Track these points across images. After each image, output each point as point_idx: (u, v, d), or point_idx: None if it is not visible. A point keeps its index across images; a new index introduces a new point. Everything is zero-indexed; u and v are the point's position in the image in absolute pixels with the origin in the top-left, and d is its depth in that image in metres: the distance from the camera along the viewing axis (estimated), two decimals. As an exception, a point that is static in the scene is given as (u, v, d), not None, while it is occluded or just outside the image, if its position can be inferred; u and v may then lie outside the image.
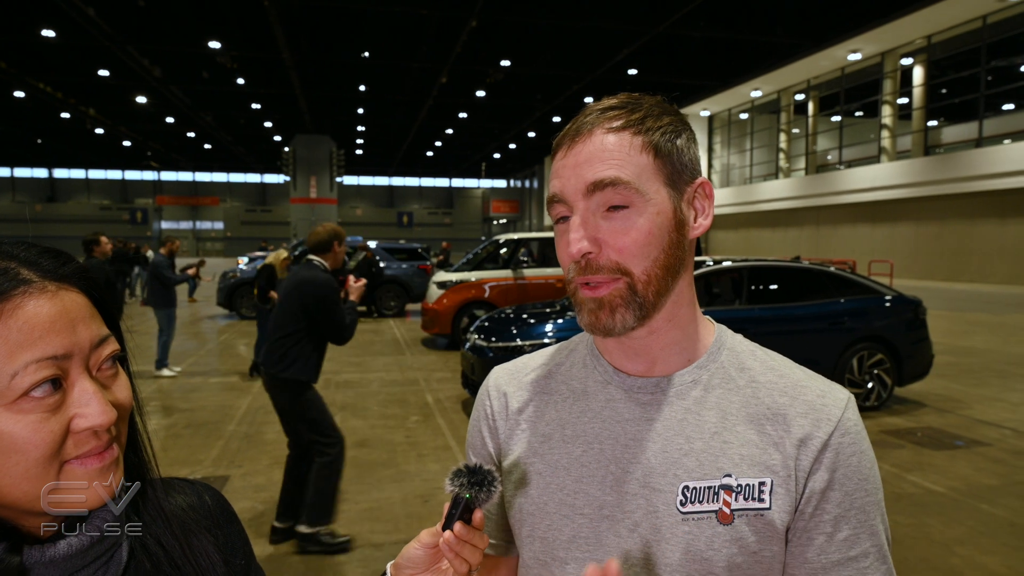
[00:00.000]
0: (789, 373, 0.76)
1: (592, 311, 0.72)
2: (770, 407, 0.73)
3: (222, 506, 0.71)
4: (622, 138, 0.70)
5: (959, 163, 21.34)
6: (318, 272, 3.49)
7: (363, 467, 4.82)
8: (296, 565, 3.38)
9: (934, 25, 20.96)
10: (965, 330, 11.64)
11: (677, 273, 0.73)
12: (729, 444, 0.71)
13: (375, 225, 61.16)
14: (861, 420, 0.73)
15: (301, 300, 3.44)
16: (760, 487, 0.69)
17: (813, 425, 0.70)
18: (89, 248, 6.33)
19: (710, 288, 6.67)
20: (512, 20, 18.37)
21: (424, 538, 0.68)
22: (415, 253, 14.95)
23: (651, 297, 0.71)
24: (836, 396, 0.73)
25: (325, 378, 7.87)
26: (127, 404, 0.58)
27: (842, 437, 0.70)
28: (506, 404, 0.85)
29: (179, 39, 20.01)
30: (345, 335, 3.53)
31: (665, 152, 0.72)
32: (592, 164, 0.70)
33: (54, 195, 57.93)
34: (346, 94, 26.99)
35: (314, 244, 3.59)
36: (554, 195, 0.73)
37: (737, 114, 32.34)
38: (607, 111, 0.73)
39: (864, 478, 0.70)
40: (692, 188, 0.75)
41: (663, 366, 0.77)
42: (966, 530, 3.77)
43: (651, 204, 0.70)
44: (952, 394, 7.05)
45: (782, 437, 0.71)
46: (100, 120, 32.30)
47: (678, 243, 0.73)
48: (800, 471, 0.69)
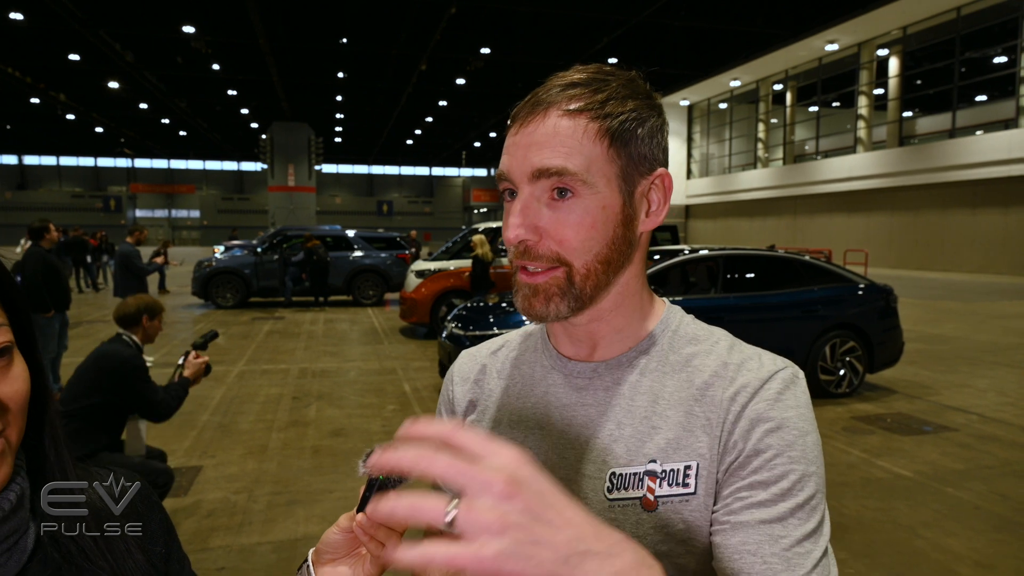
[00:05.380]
0: (726, 352, 0.72)
1: (526, 296, 0.70)
2: (699, 388, 0.70)
3: (143, 496, 0.69)
4: (577, 123, 0.67)
5: (933, 154, 21.66)
6: (125, 348, 3.24)
7: (339, 456, 4.80)
8: (266, 555, 3.37)
9: (909, 16, 21.19)
10: (936, 318, 11.86)
11: (620, 268, 0.71)
12: (657, 429, 0.69)
13: (355, 214, 60.73)
14: (796, 389, 0.68)
15: (97, 378, 3.13)
16: (686, 471, 0.67)
17: (732, 399, 0.67)
18: (35, 236, 6.15)
19: (686, 277, 6.71)
20: (492, 6, 18.26)
21: (342, 522, 0.66)
22: (394, 242, 14.88)
23: (588, 290, 0.69)
24: (764, 366, 0.69)
25: (301, 367, 7.82)
26: (17, 398, 0.55)
27: (759, 403, 0.66)
28: (466, 391, 0.85)
29: (152, 23, 19.61)
30: (159, 411, 3.26)
31: (621, 141, 0.68)
32: (541, 149, 0.66)
33: (24, 182, 56.67)
34: (324, 81, 26.67)
35: (120, 318, 3.36)
36: (501, 172, 0.71)
37: (716, 104, 32.49)
38: (569, 88, 0.69)
39: (788, 444, 0.64)
40: (648, 180, 0.71)
41: (604, 351, 0.75)
42: (932, 513, 3.85)
43: (598, 196, 0.67)
44: (922, 381, 7.19)
45: (708, 418, 0.68)
46: (71, 106, 31.60)
47: (623, 238, 0.70)
48: (720, 447, 0.67)
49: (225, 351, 8.87)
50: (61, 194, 56.07)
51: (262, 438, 5.20)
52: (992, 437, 5.25)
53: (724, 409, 0.68)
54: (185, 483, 4.27)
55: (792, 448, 0.64)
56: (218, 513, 3.83)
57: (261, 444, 5.05)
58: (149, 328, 3.43)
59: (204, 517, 3.78)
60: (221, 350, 8.96)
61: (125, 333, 3.36)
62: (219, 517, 3.78)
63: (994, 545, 3.46)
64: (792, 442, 0.65)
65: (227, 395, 6.52)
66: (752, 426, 0.66)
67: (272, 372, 7.59)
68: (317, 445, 5.04)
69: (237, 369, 7.72)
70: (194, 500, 4.01)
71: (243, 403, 6.21)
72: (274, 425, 5.54)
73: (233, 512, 3.84)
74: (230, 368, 7.75)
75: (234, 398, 6.39)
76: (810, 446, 0.65)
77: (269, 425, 5.53)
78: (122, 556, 0.61)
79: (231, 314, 12.80)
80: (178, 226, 59.89)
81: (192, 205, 60.15)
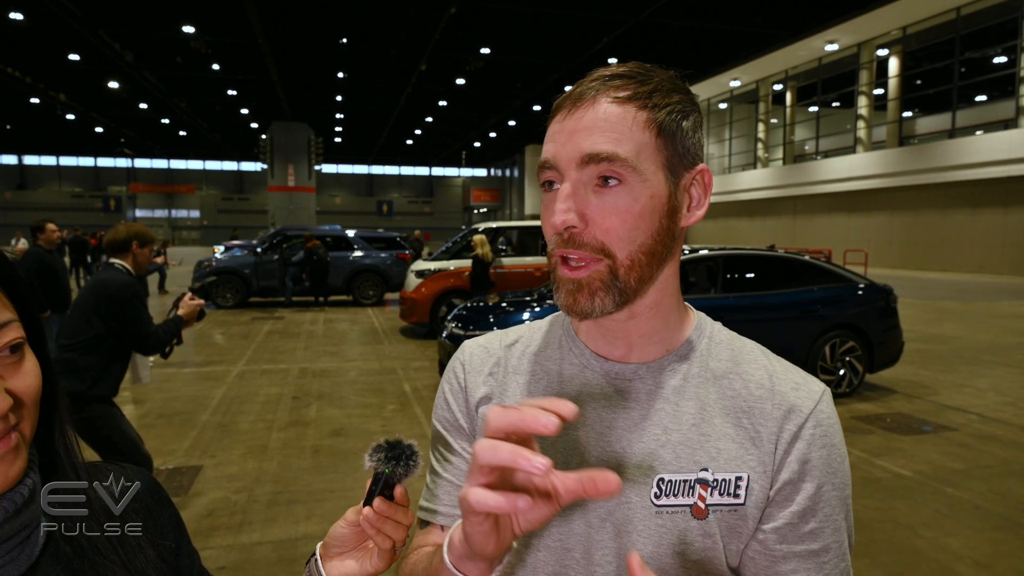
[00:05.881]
0: (767, 364, 0.74)
1: (571, 292, 0.68)
2: (747, 399, 0.71)
3: (152, 490, 0.70)
4: (626, 111, 0.66)
5: (932, 154, 21.67)
6: (119, 274, 3.19)
7: (339, 456, 4.80)
8: (267, 554, 3.37)
9: (909, 16, 21.20)
10: (935, 318, 11.86)
11: (663, 261, 0.70)
12: (707, 437, 0.69)
13: (355, 214, 60.73)
14: (836, 413, 0.72)
15: (96, 304, 3.09)
16: (736, 482, 0.68)
17: (785, 418, 0.69)
18: (34, 234, 6.20)
19: (686, 276, 6.72)
20: (492, 6, 18.27)
21: (349, 516, 0.67)
22: (393, 242, 14.88)
23: (632, 283, 0.68)
24: (811, 388, 0.71)
25: (301, 367, 7.83)
26: (29, 393, 0.56)
27: (814, 429, 0.68)
28: (480, 382, 0.81)
29: (152, 23, 19.61)
30: (149, 342, 3.18)
31: (669, 132, 0.68)
32: (591, 134, 0.66)
33: (24, 182, 56.65)
34: (324, 81, 26.68)
35: (110, 244, 3.27)
36: (546, 160, 0.69)
37: (716, 104, 32.51)
38: (614, 78, 0.68)
39: (833, 472, 0.68)
40: (691, 174, 0.71)
41: (641, 353, 0.74)
42: (931, 513, 3.85)
43: (646, 185, 0.66)
44: (921, 380, 7.19)
45: (758, 431, 0.69)
46: (71, 106, 31.60)
47: (668, 230, 0.69)
48: (774, 464, 0.68)
49: (225, 351, 8.88)
50: (61, 194, 56.04)
51: (262, 438, 5.20)
52: (991, 437, 5.25)
53: (778, 426, 0.69)
54: (185, 483, 4.27)
55: (836, 475, 0.69)
56: (218, 512, 3.83)
57: (261, 444, 5.05)
58: (139, 256, 3.32)
59: (204, 516, 3.78)
60: (221, 350, 8.96)
61: (118, 261, 3.27)
62: (219, 516, 3.78)
63: (993, 544, 3.47)
64: (836, 469, 0.69)
65: (227, 395, 6.52)
66: (808, 449, 0.68)
67: (272, 372, 7.60)
68: (317, 445, 5.04)
69: (237, 369, 7.72)
70: (194, 499, 4.01)
71: (243, 403, 6.21)
72: (274, 425, 5.54)
73: (233, 511, 3.85)
74: (230, 368, 7.76)
75: (234, 398, 6.39)
76: (848, 471, 0.71)
77: (269, 425, 5.54)
78: (133, 550, 0.62)
79: (231, 314, 12.80)
80: (178, 226, 59.87)
81: (192, 205, 60.14)
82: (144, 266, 3.38)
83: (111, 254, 3.28)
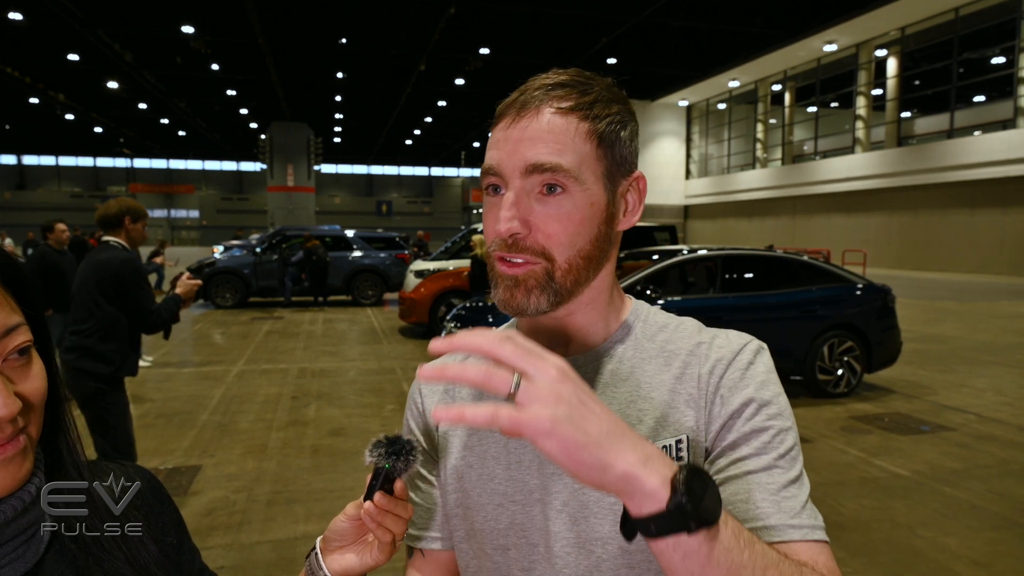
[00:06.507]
0: (698, 333, 0.77)
1: (508, 288, 0.71)
2: (679, 367, 0.74)
3: (154, 488, 0.71)
4: (569, 122, 0.69)
5: (931, 154, 21.70)
6: (117, 252, 3.15)
7: (338, 455, 4.80)
8: (266, 554, 3.37)
9: (908, 17, 21.23)
10: (934, 318, 11.87)
11: (599, 265, 0.73)
12: (644, 412, 0.72)
13: (354, 214, 60.71)
14: (762, 360, 0.73)
15: (99, 284, 3.07)
16: (677, 445, 0.70)
17: (711, 372, 0.72)
18: (44, 234, 6.22)
19: (685, 277, 6.73)
20: (491, 6, 18.28)
21: (349, 510, 0.69)
22: (393, 242, 14.89)
23: (568, 285, 0.71)
24: (735, 341, 0.74)
25: (300, 367, 7.83)
26: (37, 395, 0.57)
27: (736, 372, 0.71)
28: (435, 400, 0.84)
29: (151, 23, 19.62)
30: (150, 320, 3.15)
31: (608, 143, 0.70)
32: (535, 144, 0.68)
33: (23, 182, 56.62)
34: (324, 81, 26.69)
35: (102, 219, 3.23)
36: (490, 167, 0.71)
37: (715, 104, 32.52)
38: (557, 88, 0.71)
39: (764, 403, 0.69)
40: (627, 182, 0.74)
41: (578, 346, 0.77)
42: (929, 512, 3.86)
43: (587, 194, 0.69)
44: (920, 380, 7.20)
45: (691, 393, 0.72)
46: (70, 106, 31.59)
47: (605, 235, 0.72)
48: (707, 417, 0.70)
49: (224, 351, 8.88)
50: (60, 194, 56.01)
51: (261, 437, 5.20)
52: (990, 437, 5.26)
53: (704, 383, 0.72)
54: (184, 482, 4.27)
55: (768, 406, 0.69)
56: (218, 512, 3.84)
57: (260, 443, 5.05)
58: (132, 231, 3.28)
59: (204, 516, 3.78)
60: (220, 350, 8.97)
61: (112, 239, 3.23)
62: (219, 516, 3.78)
63: (991, 544, 3.47)
64: (768, 400, 0.69)
65: (226, 395, 6.52)
66: (731, 392, 0.70)
67: (271, 372, 7.60)
68: (316, 444, 5.04)
69: (236, 369, 7.72)
70: (193, 499, 4.02)
71: (242, 403, 6.22)
72: (273, 424, 5.54)
73: (232, 511, 3.85)
74: (229, 368, 7.76)
75: (233, 397, 6.39)
76: (783, 404, 0.71)
77: (268, 424, 5.54)
78: (136, 547, 0.63)
79: (230, 314, 12.80)
80: (177, 226, 59.84)
81: (191, 205, 60.11)
82: (138, 242, 3.34)
83: (104, 231, 3.25)
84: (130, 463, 0.71)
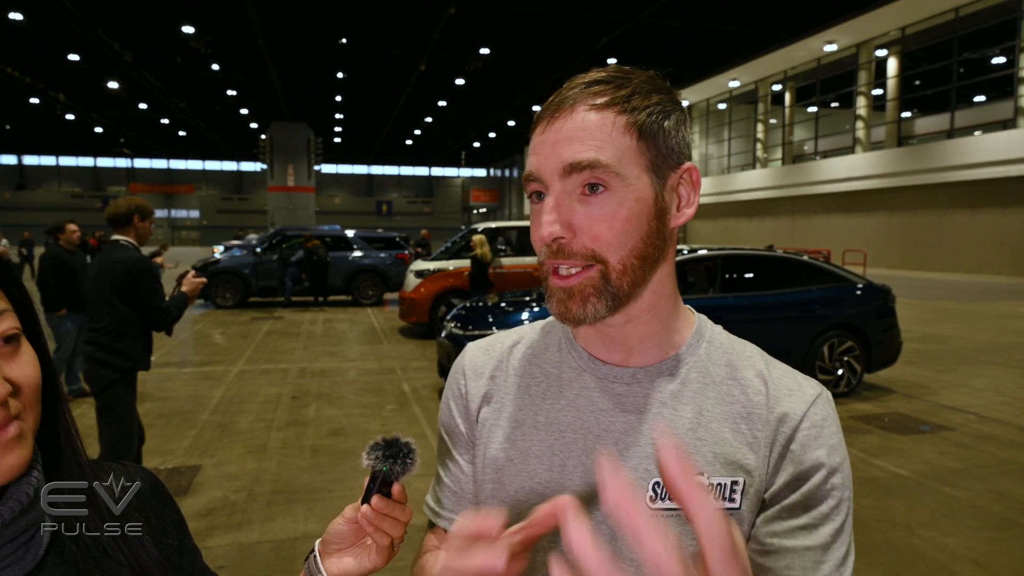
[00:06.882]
0: (764, 369, 0.73)
1: (561, 300, 0.68)
2: (744, 405, 0.71)
3: (155, 488, 0.70)
4: (605, 117, 0.66)
5: (931, 154, 21.69)
6: (129, 251, 3.21)
7: (338, 455, 4.81)
8: (266, 553, 3.38)
9: (908, 17, 21.22)
10: (933, 318, 11.87)
11: (655, 263, 0.70)
12: (703, 441, 0.69)
13: (354, 214, 60.72)
14: (833, 415, 0.71)
15: (113, 283, 3.13)
16: (732, 487, 0.68)
17: (780, 422, 0.69)
18: (53, 235, 6.26)
19: (684, 277, 6.72)
20: (491, 7, 18.28)
21: (347, 513, 0.68)
22: (393, 242, 14.89)
23: (625, 287, 0.68)
24: (805, 392, 0.71)
25: (300, 367, 7.83)
26: (29, 382, 0.56)
27: (808, 431, 0.68)
28: (481, 385, 0.81)
29: (151, 23, 19.62)
30: (162, 318, 3.24)
31: (650, 134, 0.67)
32: (571, 143, 0.65)
33: (24, 182, 56.61)
34: (324, 81, 26.70)
35: (111, 218, 3.28)
36: (530, 172, 0.69)
37: (715, 104, 32.51)
38: (592, 85, 0.68)
39: (832, 470, 0.68)
40: (677, 174, 0.70)
41: (640, 357, 0.74)
42: (929, 512, 3.86)
43: (631, 190, 0.66)
44: (919, 380, 7.20)
45: (755, 436, 0.69)
46: (70, 106, 31.60)
47: (657, 232, 0.69)
48: (768, 468, 0.68)
49: (224, 351, 8.88)
50: (60, 194, 56.01)
51: (261, 437, 5.20)
52: (989, 436, 5.26)
53: (772, 430, 0.69)
54: (184, 482, 4.28)
55: (835, 475, 0.67)
56: (217, 512, 3.84)
57: (260, 443, 5.06)
58: (140, 229, 3.34)
59: (203, 516, 3.79)
60: (220, 350, 8.97)
61: (122, 238, 3.29)
62: (218, 516, 3.79)
63: (991, 544, 3.47)
64: (836, 467, 0.68)
65: (226, 394, 6.53)
66: (803, 451, 0.68)
67: (271, 372, 7.60)
68: (316, 444, 5.04)
69: (236, 369, 7.73)
70: (193, 499, 4.02)
71: (242, 402, 6.22)
72: (273, 424, 5.54)
73: (232, 511, 3.85)
74: (229, 368, 7.76)
75: (233, 397, 6.39)
76: (847, 471, 0.69)
77: (268, 424, 5.54)
78: (137, 548, 0.62)
79: (230, 314, 12.80)
80: (177, 226, 59.84)
81: (191, 205, 60.11)
82: (145, 239, 3.42)
83: (114, 229, 3.32)
84: (131, 463, 0.70)
